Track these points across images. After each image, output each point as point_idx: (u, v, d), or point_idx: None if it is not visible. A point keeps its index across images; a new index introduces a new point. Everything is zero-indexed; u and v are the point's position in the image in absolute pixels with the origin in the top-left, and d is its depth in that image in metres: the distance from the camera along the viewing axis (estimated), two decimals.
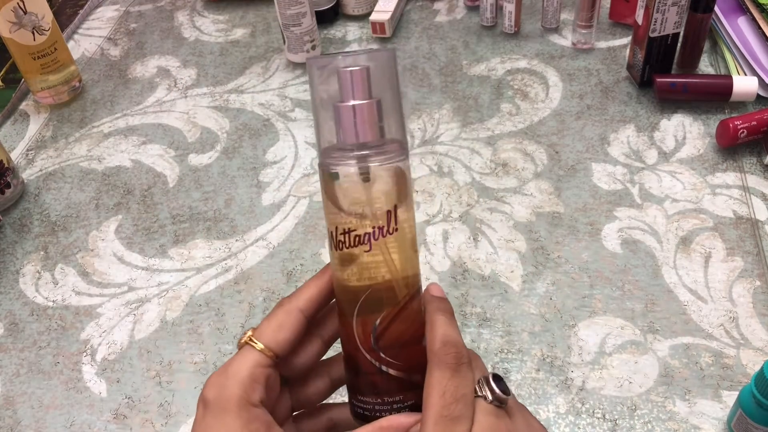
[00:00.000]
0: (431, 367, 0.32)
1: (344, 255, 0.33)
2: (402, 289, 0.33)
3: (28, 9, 0.72)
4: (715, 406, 0.46)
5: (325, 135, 0.33)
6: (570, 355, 0.50)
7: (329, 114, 0.33)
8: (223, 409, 0.33)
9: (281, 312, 0.35)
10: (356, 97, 0.32)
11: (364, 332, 0.33)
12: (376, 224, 0.32)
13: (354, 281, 0.33)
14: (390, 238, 0.33)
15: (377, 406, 0.34)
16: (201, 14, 0.93)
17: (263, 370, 0.34)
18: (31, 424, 0.50)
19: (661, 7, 0.64)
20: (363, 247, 0.32)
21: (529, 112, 0.71)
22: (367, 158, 0.32)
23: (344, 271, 0.33)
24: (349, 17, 0.87)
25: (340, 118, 0.32)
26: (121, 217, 0.65)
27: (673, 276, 0.54)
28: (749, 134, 0.62)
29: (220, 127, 0.74)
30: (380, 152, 0.32)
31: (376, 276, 0.33)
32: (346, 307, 0.34)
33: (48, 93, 0.79)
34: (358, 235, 0.32)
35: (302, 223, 0.62)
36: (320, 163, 0.33)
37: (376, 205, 0.32)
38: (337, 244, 0.33)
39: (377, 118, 0.32)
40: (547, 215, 0.60)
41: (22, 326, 0.57)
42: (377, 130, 0.32)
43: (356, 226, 0.32)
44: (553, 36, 0.80)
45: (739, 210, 0.59)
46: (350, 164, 0.32)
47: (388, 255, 0.33)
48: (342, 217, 0.33)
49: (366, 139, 0.32)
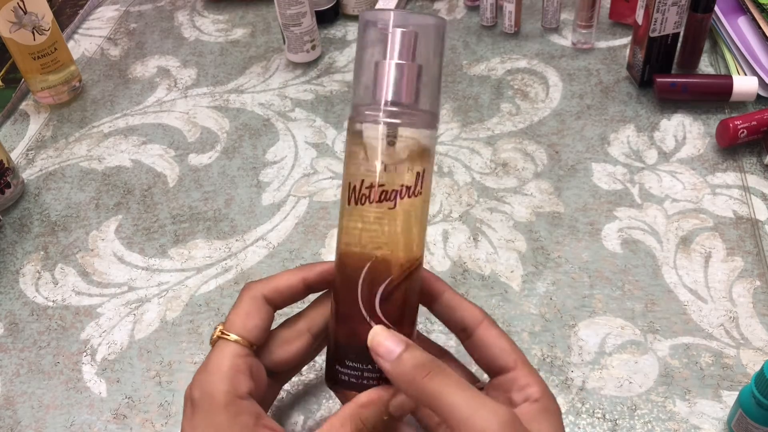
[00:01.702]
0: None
1: (364, 210, 0.33)
2: (413, 256, 0.33)
3: (28, 9, 0.72)
4: (715, 406, 0.46)
5: (363, 90, 0.33)
6: (570, 355, 0.50)
7: (372, 69, 0.33)
8: (209, 405, 0.32)
9: (246, 299, 0.35)
10: (401, 57, 0.32)
11: (369, 293, 0.33)
12: (404, 183, 0.32)
13: (367, 240, 0.33)
14: (414, 201, 0.33)
15: (366, 372, 0.33)
16: (201, 14, 0.93)
17: (244, 359, 0.34)
18: (31, 424, 0.50)
19: (661, 7, 0.64)
20: (387, 204, 0.32)
21: (529, 112, 0.71)
22: (403, 118, 0.32)
23: (358, 227, 0.33)
24: (349, 17, 0.87)
25: (386, 74, 0.32)
26: (121, 217, 0.65)
27: (673, 276, 0.54)
28: (749, 134, 0.62)
29: (220, 127, 0.74)
30: (415, 116, 0.32)
31: (391, 238, 0.32)
32: (354, 264, 0.33)
33: (48, 93, 0.79)
34: (385, 191, 0.32)
35: (302, 223, 0.62)
36: (353, 115, 0.33)
37: (407, 164, 0.32)
38: (359, 198, 0.33)
39: (416, 82, 0.32)
40: (547, 215, 0.60)
41: (22, 326, 0.57)
42: (414, 94, 0.32)
43: (384, 182, 0.32)
44: (553, 36, 0.80)
45: (739, 210, 0.59)
46: (386, 121, 0.32)
47: (409, 217, 0.33)
48: (370, 172, 0.32)
49: (404, 99, 0.32)
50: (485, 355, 0.36)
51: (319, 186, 0.66)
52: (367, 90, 0.33)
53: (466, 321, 0.37)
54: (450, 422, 0.30)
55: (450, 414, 0.30)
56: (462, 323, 0.37)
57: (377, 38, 0.33)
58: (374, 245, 0.32)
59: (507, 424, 0.29)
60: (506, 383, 0.36)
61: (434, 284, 0.37)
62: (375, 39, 0.33)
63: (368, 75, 0.33)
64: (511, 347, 0.36)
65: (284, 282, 0.36)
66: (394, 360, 0.31)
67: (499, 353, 0.36)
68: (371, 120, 0.32)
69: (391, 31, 0.32)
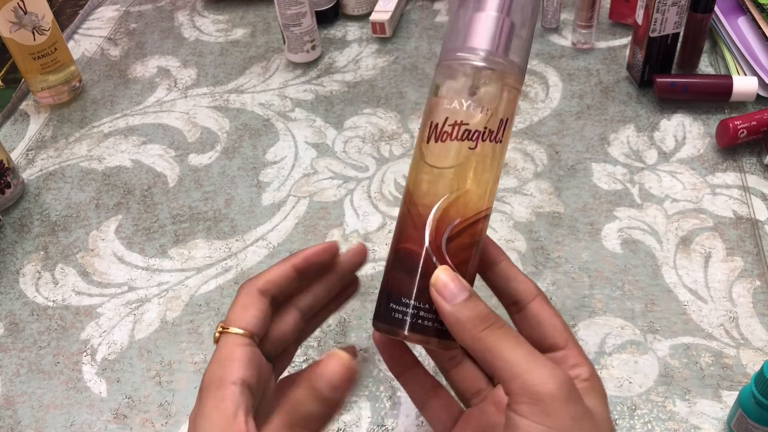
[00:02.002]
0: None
1: (444, 147, 0.33)
2: (485, 203, 0.33)
3: (28, 9, 0.72)
4: (715, 406, 0.46)
5: (456, 35, 0.34)
6: None
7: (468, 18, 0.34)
8: (205, 392, 0.33)
9: (242, 294, 0.35)
10: (497, 10, 0.33)
11: (437, 230, 0.33)
12: (488, 126, 0.33)
13: (443, 177, 0.33)
14: (495, 147, 0.33)
15: (422, 311, 0.33)
16: (201, 14, 0.93)
17: (242, 348, 0.34)
18: (31, 424, 0.50)
19: (661, 7, 0.64)
20: (469, 143, 0.32)
21: (529, 112, 0.71)
22: (494, 64, 0.33)
23: (437, 161, 0.33)
24: (349, 17, 0.87)
25: (482, 23, 0.33)
26: (121, 217, 0.65)
27: (673, 276, 0.54)
28: (749, 134, 0.62)
29: (220, 127, 0.74)
30: (505, 65, 0.33)
31: (470, 178, 0.33)
32: (426, 200, 0.33)
33: (48, 93, 0.79)
34: (468, 130, 0.32)
35: (302, 223, 0.62)
36: (445, 57, 0.34)
37: (494, 108, 0.33)
38: (440, 135, 0.33)
39: (509, 34, 0.33)
40: (547, 215, 0.60)
41: (22, 326, 0.57)
42: (506, 45, 0.33)
43: (468, 122, 0.32)
44: (553, 36, 0.80)
45: (739, 210, 0.59)
46: (477, 64, 0.33)
47: (487, 161, 0.33)
48: (455, 110, 0.33)
49: (496, 48, 0.33)
50: (537, 330, 0.36)
51: (319, 186, 0.66)
52: (459, 35, 0.34)
53: (520, 294, 0.36)
54: (504, 376, 0.30)
55: (505, 368, 0.30)
56: (516, 295, 0.36)
57: None
58: (450, 183, 0.33)
59: (564, 384, 0.29)
60: (556, 360, 0.35)
61: (492, 250, 0.36)
62: None
63: (463, 22, 0.34)
64: (564, 326, 0.36)
65: (275, 272, 0.36)
66: (457, 305, 0.31)
67: (551, 330, 0.35)
68: (462, 61, 0.33)
69: None
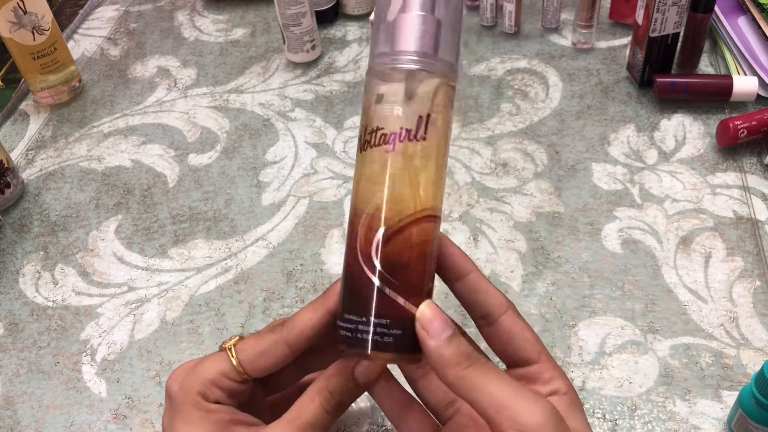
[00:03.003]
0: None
1: (366, 156, 0.32)
2: (417, 206, 0.32)
3: (28, 9, 0.72)
4: (715, 406, 0.46)
5: (376, 42, 0.33)
6: (570, 355, 0.50)
7: (386, 23, 0.33)
8: (183, 401, 0.33)
9: (271, 339, 0.34)
10: (415, 9, 0.32)
11: (366, 239, 0.32)
12: (403, 125, 0.32)
13: (366, 187, 0.32)
14: (417, 146, 0.32)
15: (360, 326, 0.32)
16: (201, 14, 0.93)
17: (228, 382, 0.34)
18: (31, 424, 0.50)
19: (661, 7, 0.64)
20: (386, 147, 0.32)
21: (529, 112, 0.71)
22: (410, 63, 0.32)
23: (363, 172, 0.32)
24: (349, 17, 0.87)
25: (396, 25, 0.32)
26: (121, 217, 0.65)
27: (673, 276, 0.54)
28: (749, 134, 0.62)
29: (220, 127, 0.74)
30: (424, 63, 0.32)
31: (391, 182, 0.32)
32: (355, 212, 0.33)
33: (48, 93, 0.79)
34: (384, 134, 0.32)
35: (302, 223, 0.62)
36: (369, 66, 0.33)
37: (408, 107, 0.32)
38: (362, 144, 0.32)
39: (427, 32, 0.32)
40: (547, 215, 0.60)
41: (22, 326, 0.57)
42: (428, 43, 0.32)
43: (383, 125, 0.32)
44: (553, 36, 0.80)
45: (739, 210, 0.59)
46: (392, 67, 0.32)
47: (410, 163, 0.32)
48: (372, 117, 0.32)
49: (412, 47, 0.32)
50: (510, 345, 0.35)
51: (319, 186, 0.66)
52: (378, 41, 0.33)
53: (490, 307, 0.35)
54: (490, 410, 0.29)
55: (491, 403, 0.29)
56: (485, 309, 0.35)
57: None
58: (372, 192, 0.32)
59: (552, 415, 0.29)
60: (530, 375, 0.35)
61: (461, 261, 0.35)
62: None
63: (381, 27, 0.33)
64: (535, 339, 0.35)
65: (309, 328, 0.34)
66: (441, 341, 0.30)
67: (523, 344, 0.35)
68: (378, 66, 0.33)
69: None
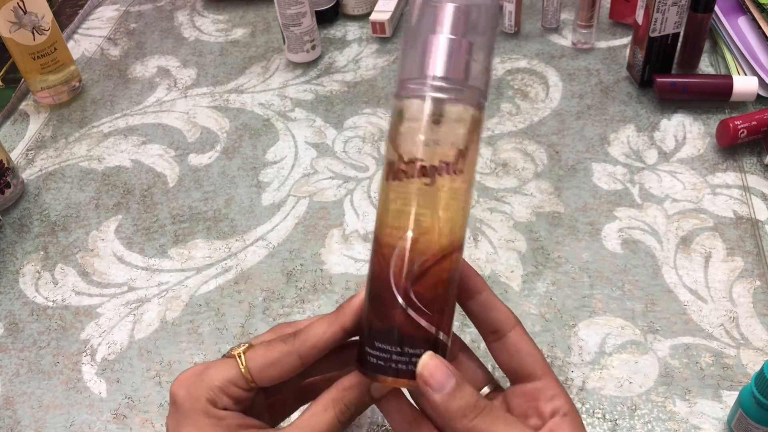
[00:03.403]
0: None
1: (401, 187, 0.32)
2: (452, 237, 0.32)
3: (28, 9, 0.72)
4: (715, 406, 0.46)
5: (409, 63, 0.33)
6: (570, 355, 0.50)
7: (419, 43, 0.32)
8: (192, 408, 0.33)
9: (282, 350, 0.34)
10: (450, 32, 0.31)
11: (401, 271, 0.32)
12: (444, 159, 0.31)
13: (402, 218, 0.32)
14: (455, 179, 0.32)
15: (395, 356, 0.32)
16: (201, 14, 0.93)
17: (236, 390, 0.34)
18: (31, 424, 0.50)
19: (661, 7, 0.64)
20: (425, 180, 0.31)
21: (529, 112, 0.71)
22: (448, 93, 0.31)
23: (394, 204, 0.32)
24: (349, 17, 0.87)
25: (431, 49, 0.32)
26: (121, 217, 0.65)
27: (673, 276, 0.54)
28: (749, 134, 0.62)
29: (220, 127, 0.74)
30: (461, 92, 0.32)
31: (429, 215, 0.32)
32: (388, 242, 0.32)
33: (48, 93, 0.79)
34: (423, 167, 0.31)
35: (302, 223, 0.62)
36: (398, 90, 0.32)
37: (448, 140, 0.31)
38: (397, 173, 0.32)
39: (465, 58, 0.32)
40: (547, 215, 0.60)
41: (22, 326, 0.57)
42: (463, 70, 0.32)
43: (424, 157, 0.31)
44: (553, 36, 0.80)
45: (740, 210, 0.59)
46: (430, 96, 0.31)
47: (447, 196, 0.32)
48: (409, 147, 0.32)
49: (450, 74, 0.31)
50: (514, 360, 0.36)
51: (319, 186, 0.66)
52: (413, 63, 0.32)
53: (500, 323, 0.36)
54: None
55: None
56: (495, 325, 0.36)
57: (427, 12, 0.33)
58: (409, 223, 0.32)
59: None
60: (533, 392, 0.35)
61: (474, 280, 0.36)
62: (425, 13, 0.33)
63: (415, 48, 0.32)
64: (541, 356, 0.36)
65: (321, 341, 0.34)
66: (446, 395, 0.31)
67: (529, 360, 0.35)
68: (415, 94, 0.32)
69: (442, 5, 0.32)
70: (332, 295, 0.56)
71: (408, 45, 0.33)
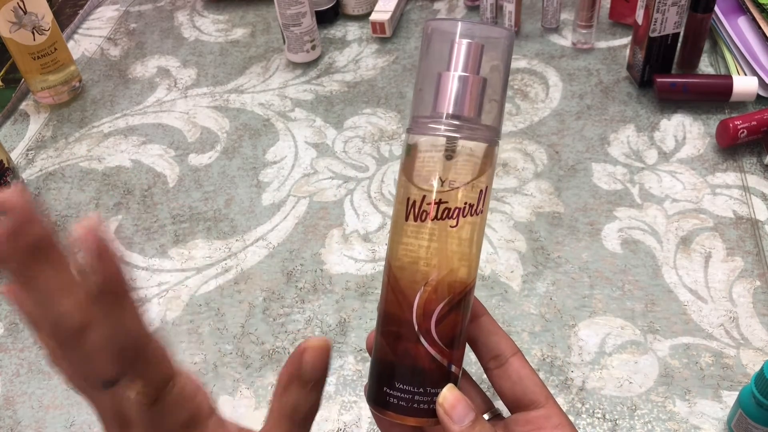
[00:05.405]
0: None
1: (424, 227, 0.31)
2: (471, 277, 0.32)
3: (28, 9, 0.72)
4: (715, 406, 0.46)
5: (424, 101, 0.32)
6: (570, 355, 0.50)
7: (435, 80, 0.32)
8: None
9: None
10: (466, 69, 0.31)
11: (425, 315, 0.31)
12: (467, 201, 0.31)
13: (426, 258, 0.31)
14: (476, 220, 0.32)
15: (417, 396, 0.32)
16: (201, 14, 0.93)
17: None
18: (31, 424, 0.50)
19: (661, 7, 0.64)
20: (450, 222, 0.31)
21: (529, 112, 0.71)
22: (466, 132, 0.31)
23: (417, 245, 0.31)
24: (349, 17, 0.87)
25: (449, 86, 0.31)
26: (121, 217, 0.65)
27: (673, 276, 0.54)
28: (749, 134, 0.62)
29: (220, 127, 0.74)
30: (478, 131, 0.31)
31: (451, 257, 0.31)
32: (411, 283, 0.32)
33: (48, 93, 0.79)
34: (447, 208, 0.31)
35: (302, 223, 0.62)
36: (411, 126, 0.32)
37: (470, 181, 0.31)
38: (419, 214, 0.31)
39: (480, 96, 0.31)
40: (547, 215, 0.60)
41: (22, 326, 0.57)
42: (478, 108, 0.31)
43: (447, 199, 0.31)
44: (553, 36, 0.80)
45: (739, 210, 0.59)
46: (449, 135, 0.31)
47: (469, 236, 0.31)
48: (431, 188, 0.31)
49: (467, 113, 0.31)
50: (518, 386, 0.36)
51: (319, 186, 0.66)
52: (428, 101, 0.32)
53: (501, 349, 0.36)
54: None
55: None
56: (496, 351, 0.36)
57: (441, 48, 0.32)
58: (433, 264, 0.31)
59: None
60: (536, 420, 0.35)
61: (475, 304, 0.36)
62: (438, 49, 0.32)
63: (430, 86, 0.32)
64: (542, 383, 0.36)
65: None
66: (465, 427, 0.31)
67: (532, 387, 0.35)
68: (432, 132, 0.31)
69: (456, 42, 0.31)
70: (332, 295, 0.56)
71: (421, 81, 0.33)
